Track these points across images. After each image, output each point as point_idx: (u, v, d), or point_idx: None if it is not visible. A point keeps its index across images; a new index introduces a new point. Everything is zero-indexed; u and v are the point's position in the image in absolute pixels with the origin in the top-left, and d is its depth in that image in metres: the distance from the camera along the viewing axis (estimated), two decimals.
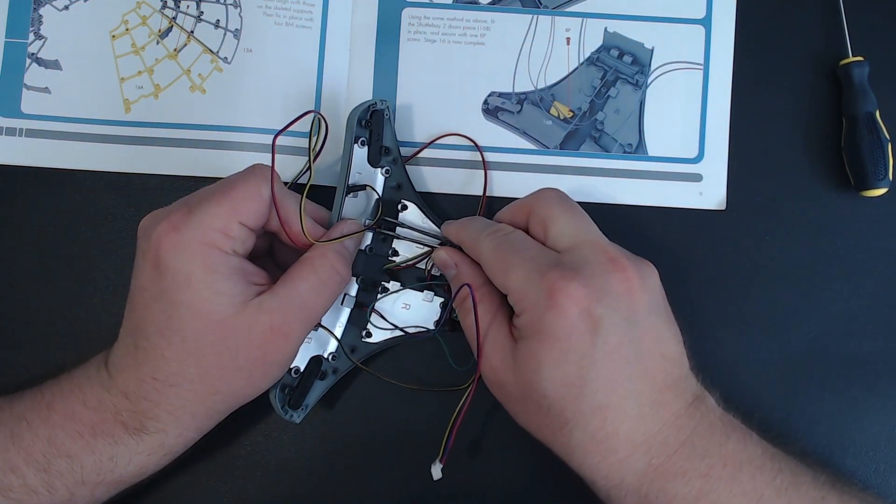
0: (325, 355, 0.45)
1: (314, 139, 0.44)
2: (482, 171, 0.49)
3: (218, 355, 0.39)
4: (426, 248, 0.46)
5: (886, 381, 0.49)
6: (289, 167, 0.48)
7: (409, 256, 0.46)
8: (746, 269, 0.49)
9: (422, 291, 0.46)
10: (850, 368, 0.49)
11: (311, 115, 0.45)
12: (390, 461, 0.48)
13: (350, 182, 0.45)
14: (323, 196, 0.46)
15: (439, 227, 0.46)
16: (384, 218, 0.46)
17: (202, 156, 0.48)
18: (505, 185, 0.49)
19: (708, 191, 0.49)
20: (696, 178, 0.49)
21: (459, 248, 0.44)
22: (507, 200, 0.47)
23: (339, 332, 0.46)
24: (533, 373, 0.38)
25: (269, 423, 0.48)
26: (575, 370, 0.37)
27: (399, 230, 0.46)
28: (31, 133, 0.49)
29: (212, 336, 0.38)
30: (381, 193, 0.46)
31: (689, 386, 0.40)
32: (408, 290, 0.46)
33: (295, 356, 0.42)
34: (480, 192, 0.49)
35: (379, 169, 0.46)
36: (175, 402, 0.39)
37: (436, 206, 0.49)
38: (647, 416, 0.38)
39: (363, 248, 0.46)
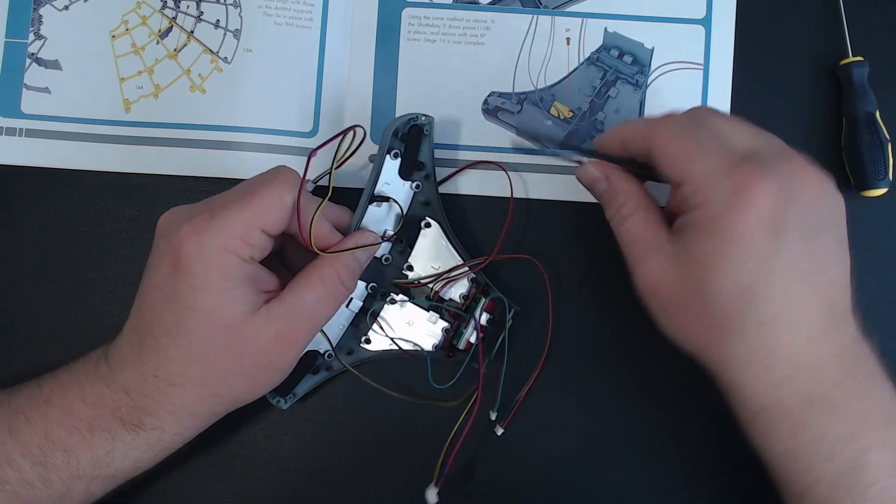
0: (322, 351, 0.46)
1: (343, 149, 0.44)
2: (502, 172, 0.49)
3: (223, 360, 0.39)
4: (438, 270, 0.46)
5: None
6: (289, 167, 0.48)
7: (422, 275, 0.46)
8: None
9: (428, 311, 0.46)
10: None
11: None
12: (390, 461, 0.48)
13: (376, 192, 0.45)
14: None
15: (458, 254, 0.46)
16: (399, 237, 0.46)
17: (202, 156, 0.48)
18: (505, 185, 0.49)
19: None
20: None
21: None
22: (508, 200, 0.47)
23: (339, 332, 0.46)
24: (704, 274, 0.36)
25: (269, 423, 0.48)
26: (752, 275, 0.35)
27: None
28: (31, 133, 0.49)
29: (219, 341, 0.38)
30: (406, 207, 0.46)
31: (853, 321, 0.38)
32: (414, 307, 0.46)
33: (296, 363, 0.42)
34: (500, 194, 0.49)
35: (409, 182, 0.46)
36: (176, 402, 0.39)
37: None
38: (815, 339, 0.36)
39: (380, 255, 0.46)
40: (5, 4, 0.49)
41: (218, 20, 0.49)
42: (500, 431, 0.47)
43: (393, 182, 0.46)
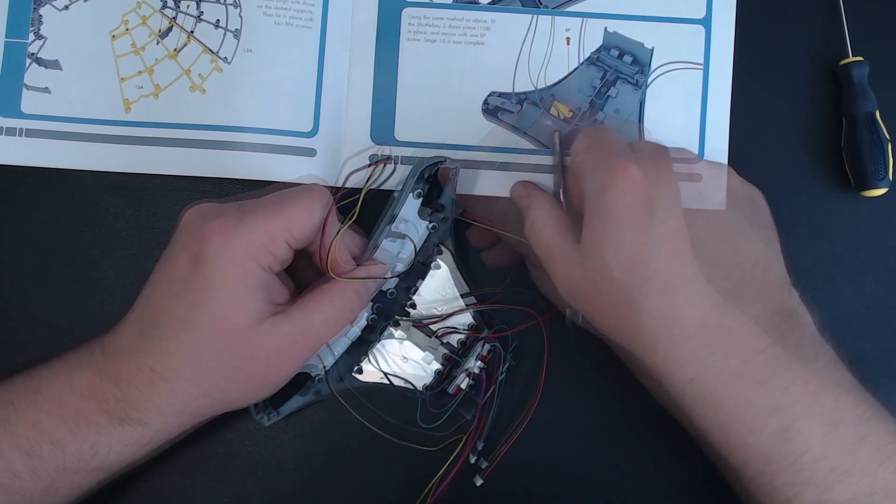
0: (313, 374, 0.46)
1: (373, 179, 0.46)
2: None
3: (221, 363, 0.39)
4: (440, 312, 0.47)
5: (886, 381, 0.49)
6: (292, 168, 0.48)
7: (424, 314, 0.46)
8: None
9: (423, 351, 0.46)
10: (849, 368, 0.49)
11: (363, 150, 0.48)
12: (390, 461, 0.48)
13: (393, 227, 0.46)
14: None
15: (463, 300, 0.47)
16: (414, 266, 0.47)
17: (202, 156, 0.48)
18: (505, 185, 0.49)
19: (708, 190, 0.49)
20: (697, 177, 0.49)
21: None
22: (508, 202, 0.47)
23: (334, 358, 0.46)
24: (598, 258, 0.38)
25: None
26: (636, 247, 0.38)
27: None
28: (31, 133, 0.49)
29: (222, 344, 0.39)
30: (419, 246, 0.46)
31: (778, 295, 0.40)
32: (411, 344, 0.47)
33: (290, 379, 0.42)
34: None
35: (426, 222, 0.46)
36: (165, 398, 0.39)
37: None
38: (722, 309, 0.38)
39: (386, 289, 0.46)
40: (5, 4, 0.49)
41: (218, 20, 0.49)
42: (479, 482, 0.47)
43: (411, 220, 0.46)
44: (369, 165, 0.46)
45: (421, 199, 0.46)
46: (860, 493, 0.37)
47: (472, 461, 0.46)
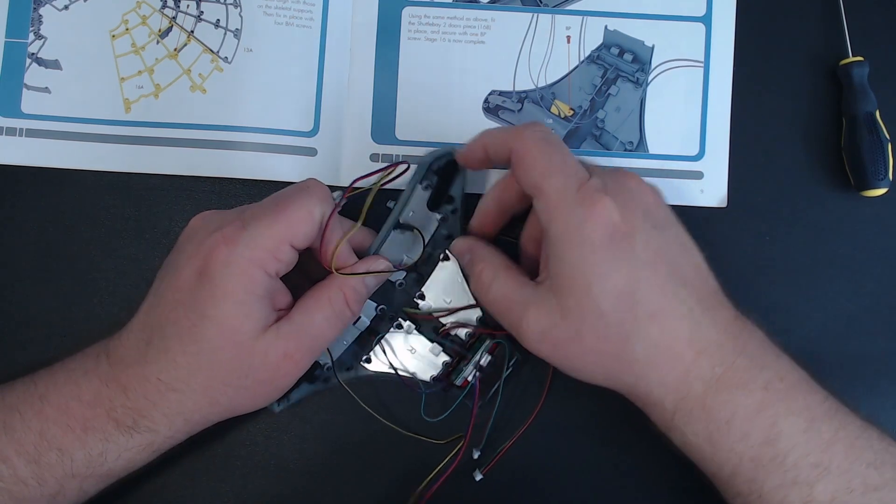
0: (322, 363, 0.46)
1: (383, 181, 0.45)
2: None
3: (229, 373, 0.39)
4: (449, 304, 0.46)
5: (886, 381, 0.49)
6: (292, 168, 0.48)
7: (433, 306, 0.46)
8: (747, 267, 0.49)
9: (432, 343, 0.46)
10: (850, 368, 0.49)
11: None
12: (391, 460, 0.48)
13: (402, 219, 0.46)
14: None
15: (472, 293, 0.46)
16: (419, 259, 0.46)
17: (202, 156, 0.48)
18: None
19: (709, 188, 0.49)
20: (698, 175, 0.49)
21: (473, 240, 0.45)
22: None
23: (343, 347, 0.46)
24: (583, 294, 0.38)
25: (269, 423, 0.48)
26: (624, 279, 0.38)
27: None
28: (31, 133, 0.49)
29: (229, 354, 0.39)
30: (428, 238, 0.46)
31: (727, 301, 0.40)
32: (419, 335, 0.46)
33: (296, 380, 0.42)
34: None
35: (436, 214, 0.46)
36: (174, 407, 0.39)
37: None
38: (702, 322, 0.38)
39: (395, 281, 0.46)
40: (5, 4, 0.49)
41: (218, 20, 0.49)
42: (478, 477, 0.47)
43: (419, 212, 0.46)
44: (386, 167, 0.45)
45: (430, 192, 0.46)
46: (839, 491, 0.37)
47: (475, 456, 0.46)
